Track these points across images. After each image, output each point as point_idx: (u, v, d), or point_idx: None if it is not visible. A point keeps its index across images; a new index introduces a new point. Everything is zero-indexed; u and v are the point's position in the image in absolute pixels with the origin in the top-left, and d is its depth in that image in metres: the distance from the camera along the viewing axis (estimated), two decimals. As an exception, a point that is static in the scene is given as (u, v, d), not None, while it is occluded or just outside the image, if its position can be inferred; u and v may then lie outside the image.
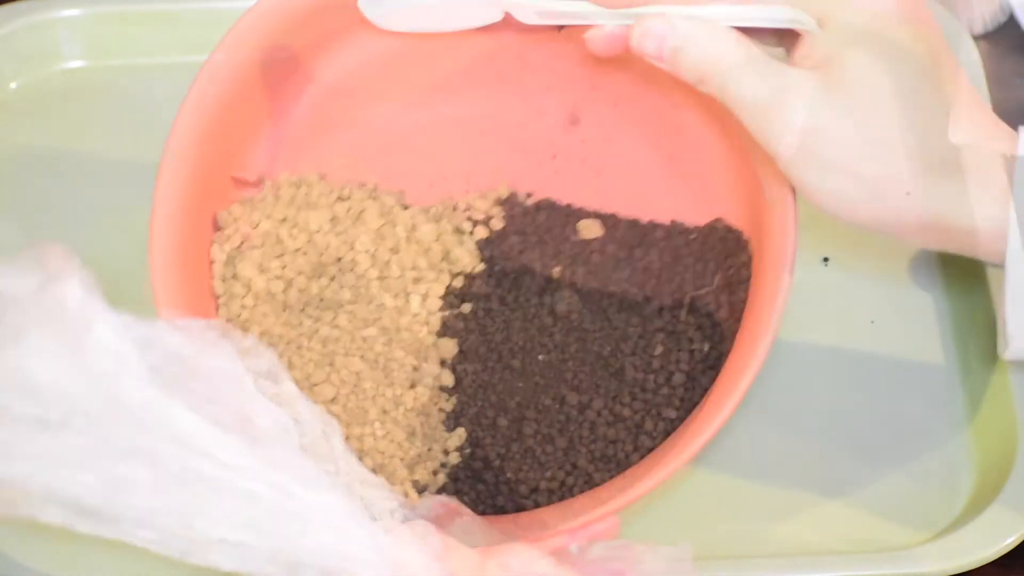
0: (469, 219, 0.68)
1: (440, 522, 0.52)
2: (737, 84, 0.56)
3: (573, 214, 0.68)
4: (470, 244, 0.67)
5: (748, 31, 0.58)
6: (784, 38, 0.60)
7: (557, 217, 0.68)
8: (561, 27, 0.69)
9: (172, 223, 0.64)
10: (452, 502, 0.55)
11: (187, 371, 0.49)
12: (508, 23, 0.64)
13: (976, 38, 0.84)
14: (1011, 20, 0.86)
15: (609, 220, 0.68)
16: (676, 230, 0.67)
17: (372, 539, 0.50)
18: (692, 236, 0.67)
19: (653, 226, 0.67)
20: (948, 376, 0.72)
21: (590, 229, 0.68)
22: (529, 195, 0.69)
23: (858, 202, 0.57)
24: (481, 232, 0.68)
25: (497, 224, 0.68)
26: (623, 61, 0.69)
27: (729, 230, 0.66)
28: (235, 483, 0.48)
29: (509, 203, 0.68)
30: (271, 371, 0.51)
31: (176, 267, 0.64)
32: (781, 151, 0.56)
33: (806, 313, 0.73)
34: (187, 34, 0.83)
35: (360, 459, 0.61)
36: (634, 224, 0.68)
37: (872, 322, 0.74)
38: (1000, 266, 0.56)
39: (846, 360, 0.72)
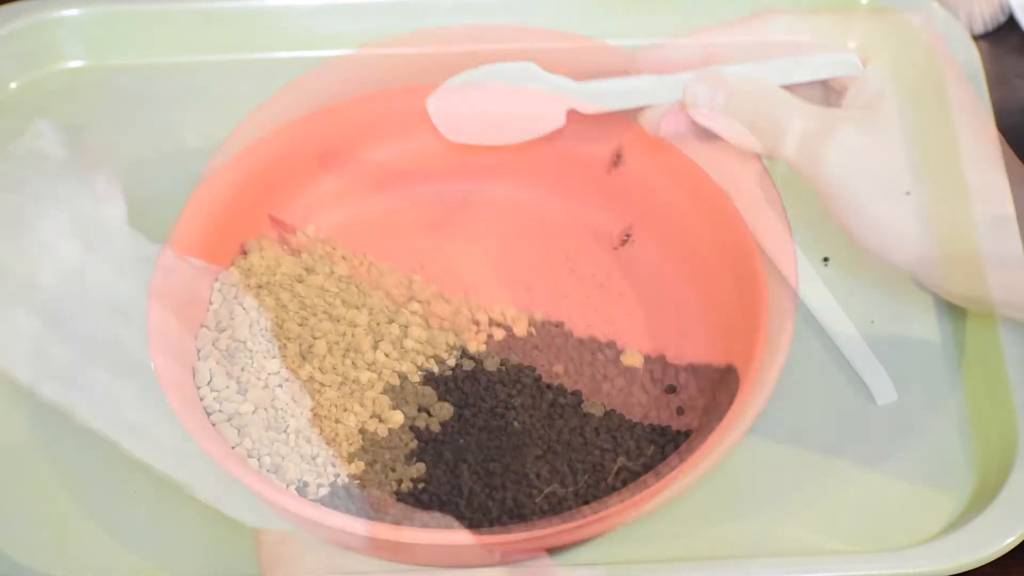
0: (488, 315, 0.70)
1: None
2: (790, 124, 0.59)
3: (609, 344, 0.70)
4: (480, 333, 0.69)
5: (794, 86, 0.60)
6: (827, 93, 0.62)
7: (586, 342, 0.69)
8: (615, 164, 0.71)
9: (214, 191, 0.69)
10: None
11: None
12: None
13: (976, 38, 0.84)
14: (1011, 20, 0.86)
15: (647, 359, 0.69)
16: (695, 373, 0.69)
17: None
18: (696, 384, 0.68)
19: (677, 370, 0.69)
20: (948, 376, 0.72)
21: (633, 358, 0.69)
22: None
23: (889, 237, 0.60)
24: (498, 333, 0.69)
25: (520, 331, 0.69)
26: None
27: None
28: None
29: (544, 325, 0.70)
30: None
31: (199, 230, 0.68)
32: (826, 175, 0.59)
33: (806, 313, 0.73)
34: (187, 34, 0.83)
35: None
36: (667, 367, 0.69)
37: (872, 322, 0.74)
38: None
39: (846, 360, 0.72)
